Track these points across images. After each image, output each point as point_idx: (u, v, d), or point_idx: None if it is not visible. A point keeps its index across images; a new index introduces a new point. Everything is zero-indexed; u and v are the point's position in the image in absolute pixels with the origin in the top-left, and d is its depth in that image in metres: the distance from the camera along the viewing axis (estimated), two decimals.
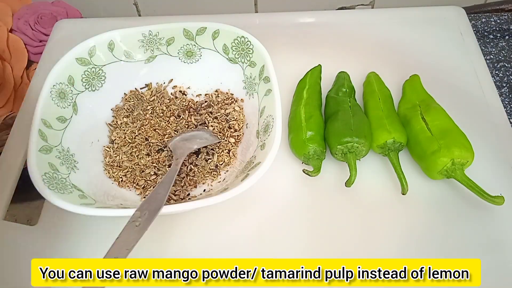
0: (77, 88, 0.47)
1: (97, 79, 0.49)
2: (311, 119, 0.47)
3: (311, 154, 0.45)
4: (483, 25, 0.63)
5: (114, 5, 0.67)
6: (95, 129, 0.48)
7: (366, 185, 0.46)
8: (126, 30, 0.50)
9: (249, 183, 0.38)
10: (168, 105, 0.51)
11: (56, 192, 0.38)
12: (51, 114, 0.44)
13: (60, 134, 0.44)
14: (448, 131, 0.45)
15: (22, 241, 0.43)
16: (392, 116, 0.48)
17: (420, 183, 0.46)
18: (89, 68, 0.48)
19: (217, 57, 0.51)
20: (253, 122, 0.48)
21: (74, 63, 0.47)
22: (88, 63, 0.48)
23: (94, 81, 0.49)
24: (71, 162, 0.43)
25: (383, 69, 0.54)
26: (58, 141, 0.43)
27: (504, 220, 0.43)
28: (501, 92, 0.55)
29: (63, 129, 0.45)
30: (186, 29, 0.50)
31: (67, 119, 0.45)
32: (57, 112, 0.45)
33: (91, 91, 0.48)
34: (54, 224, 0.44)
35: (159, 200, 0.38)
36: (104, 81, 0.49)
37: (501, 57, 0.60)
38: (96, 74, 0.49)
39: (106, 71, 0.49)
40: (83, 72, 0.48)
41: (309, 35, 0.60)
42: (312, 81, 0.51)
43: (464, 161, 0.43)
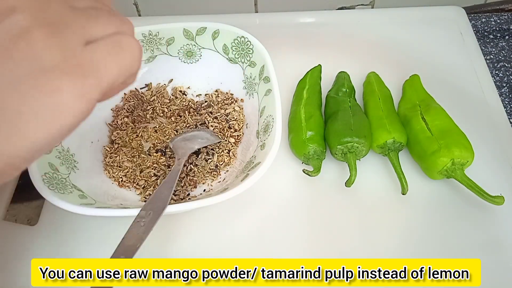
0: None
1: None
2: (311, 119, 0.47)
3: (311, 154, 0.45)
4: (483, 25, 0.63)
5: (114, 5, 0.67)
6: (95, 129, 0.48)
7: (366, 185, 0.46)
8: None
9: (249, 183, 0.38)
10: (168, 105, 0.51)
11: (56, 192, 0.38)
12: None
13: None
14: (448, 131, 0.45)
15: (22, 241, 0.43)
16: (392, 116, 0.48)
17: (420, 183, 0.46)
18: None
19: (217, 57, 0.51)
20: (253, 122, 0.48)
21: None
22: None
23: None
24: (71, 162, 0.43)
25: (383, 69, 0.54)
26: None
27: (504, 220, 0.43)
28: (501, 92, 0.55)
29: None
30: (186, 29, 0.50)
31: None
32: None
33: None
34: (54, 224, 0.44)
35: (163, 200, 0.38)
36: None
37: (501, 57, 0.60)
38: None
39: None
40: None
41: (309, 35, 0.60)
42: (312, 81, 0.51)
43: (464, 161, 0.43)
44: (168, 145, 0.47)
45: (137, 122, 0.50)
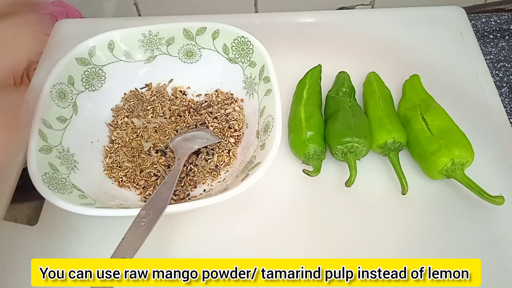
0: (77, 88, 0.47)
1: (97, 79, 0.49)
2: (311, 119, 0.47)
3: (311, 154, 0.45)
4: (483, 25, 0.63)
5: (114, 5, 0.67)
6: (95, 129, 0.48)
7: (366, 185, 0.46)
8: (126, 30, 0.50)
9: (249, 183, 0.38)
10: (168, 105, 0.51)
11: (56, 192, 0.38)
12: (51, 114, 0.44)
13: (60, 134, 0.44)
14: (448, 131, 0.45)
15: (22, 241, 0.43)
16: (392, 116, 0.48)
17: (420, 183, 0.46)
18: (89, 68, 0.48)
19: (217, 57, 0.51)
20: (253, 122, 0.48)
21: (74, 63, 0.47)
22: (88, 63, 0.48)
23: (94, 81, 0.49)
24: (71, 162, 0.43)
25: (383, 69, 0.54)
26: (58, 141, 0.43)
27: (504, 220, 0.43)
28: (501, 92, 0.55)
29: (63, 129, 0.45)
30: (186, 29, 0.50)
31: (67, 119, 0.45)
32: (57, 112, 0.45)
33: (91, 91, 0.48)
34: (54, 224, 0.44)
35: (163, 200, 0.38)
36: (104, 81, 0.49)
37: (501, 57, 0.60)
38: (96, 74, 0.49)
39: (106, 71, 0.49)
40: (83, 72, 0.48)
41: (309, 35, 0.60)
42: (312, 81, 0.51)
43: (464, 161, 0.43)
44: (168, 145, 0.47)
45: (137, 122, 0.50)
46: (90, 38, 0.48)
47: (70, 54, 0.47)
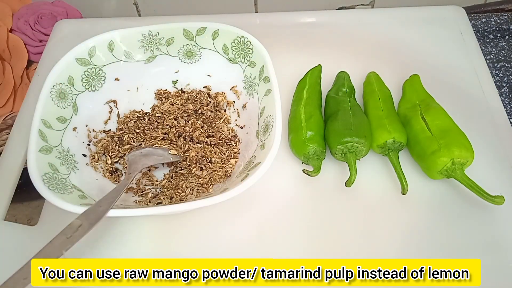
0: (77, 88, 0.47)
1: (97, 79, 0.49)
2: (311, 119, 0.47)
3: (311, 154, 0.45)
4: (483, 25, 0.63)
5: (114, 5, 0.67)
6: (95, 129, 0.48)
7: (366, 185, 0.46)
8: (126, 30, 0.50)
9: (249, 183, 0.38)
10: (168, 106, 0.51)
11: (56, 192, 0.38)
12: (51, 114, 0.44)
13: (60, 134, 0.44)
14: (448, 131, 0.45)
15: (22, 241, 0.43)
16: (392, 116, 0.48)
17: (420, 183, 0.46)
18: (89, 68, 0.48)
19: (217, 57, 0.51)
20: (253, 122, 0.48)
21: (74, 63, 0.47)
22: (88, 63, 0.48)
23: (94, 81, 0.49)
24: (71, 163, 0.43)
25: (383, 69, 0.54)
26: (58, 141, 0.43)
27: (504, 220, 0.43)
28: (501, 92, 0.55)
29: (63, 129, 0.45)
30: (186, 29, 0.50)
31: (67, 119, 0.45)
32: (57, 112, 0.45)
33: (91, 91, 0.48)
34: (54, 224, 0.44)
35: (98, 214, 0.36)
36: (104, 81, 0.49)
37: (501, 57, 0.60)
38: (96, 74, 0.49)
39: (106, 71, 0.49)
40: (83, 72, 0.48)
41: (309, 35, 0.60)
42: (312, 81, 0.51)
43: (464, 161, 0.43)
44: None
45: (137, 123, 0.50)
46: (90, 38, 0.48)
47: (70, 54, 0.47)
